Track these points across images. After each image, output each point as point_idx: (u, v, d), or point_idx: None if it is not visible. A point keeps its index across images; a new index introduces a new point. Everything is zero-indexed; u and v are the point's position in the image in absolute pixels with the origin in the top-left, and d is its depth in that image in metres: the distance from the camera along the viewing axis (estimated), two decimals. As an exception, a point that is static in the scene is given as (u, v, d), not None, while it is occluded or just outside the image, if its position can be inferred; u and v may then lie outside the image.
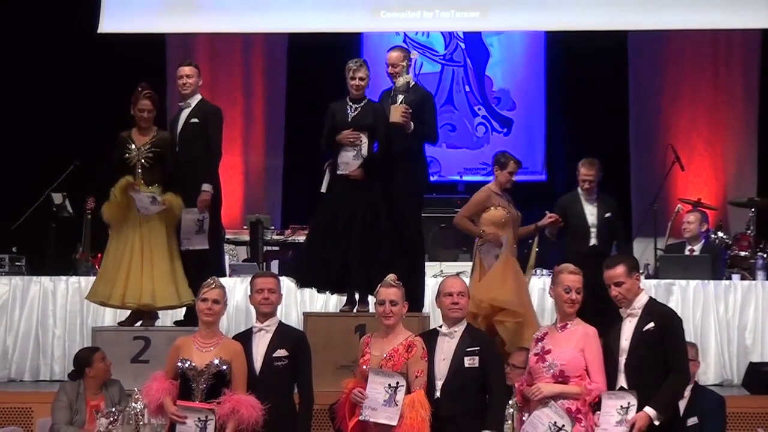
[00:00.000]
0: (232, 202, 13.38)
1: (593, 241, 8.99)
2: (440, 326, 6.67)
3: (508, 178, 8.62)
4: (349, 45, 13.22)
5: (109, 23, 12.86)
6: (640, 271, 6.75)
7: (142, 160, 8.40)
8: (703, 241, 10.34)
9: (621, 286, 6.33)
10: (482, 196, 8.63)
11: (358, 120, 8.35)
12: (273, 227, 12.01)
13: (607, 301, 6.53)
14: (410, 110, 8.33)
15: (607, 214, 9.03)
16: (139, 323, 8.52)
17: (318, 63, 12.79)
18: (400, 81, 8.41)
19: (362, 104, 8.40)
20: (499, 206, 8.54)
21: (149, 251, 8.37)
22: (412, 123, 8.34)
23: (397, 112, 8.28)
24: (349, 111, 8.39)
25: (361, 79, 8.36)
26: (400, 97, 8.40)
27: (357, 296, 8.46)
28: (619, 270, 6.35)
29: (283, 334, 6.78)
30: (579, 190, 9.10)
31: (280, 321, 6.92)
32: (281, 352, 6.67)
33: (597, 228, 9.00)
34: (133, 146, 8.43)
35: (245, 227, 11.85)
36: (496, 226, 8.47)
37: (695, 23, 12.66)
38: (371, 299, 7.89)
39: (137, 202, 8.33)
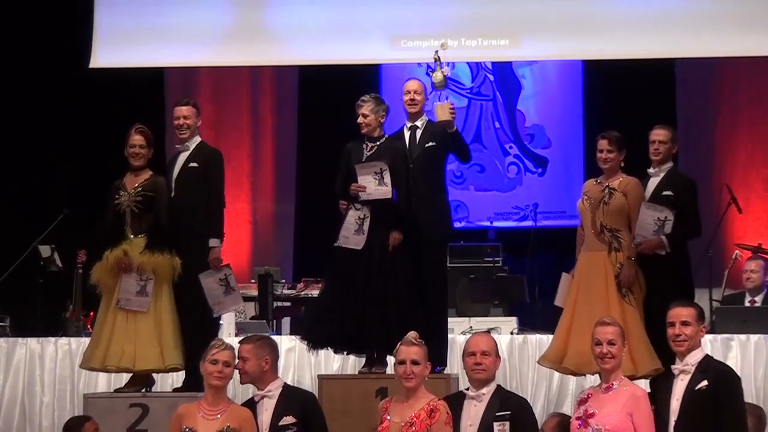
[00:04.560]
0: (239, 252, 13.39)
1: None
2: (467, 389, 6.68)
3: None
4: (366, 78, 13.24)
5: (102, 57, 12.99)
6: (706, 325, 6.69)
7: (132, 206, 8.40)
8: (765, 290, 10.30)
9: (687, 327, 6.37)
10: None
11: (373, 160, 8.28)
12: (284, 280, 11.94)
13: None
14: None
15: (667, 192, 8.39)
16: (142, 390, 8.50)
17: (332, 98, 12.77)
18: (438, 76, 8.54)
19: (379, 143, 8.35)
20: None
21: (133, 312, 8.35)
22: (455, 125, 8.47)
23: (444, 110, 8.39)
24: (364, 150, 8.34)
25: (364, 116, 8.27)
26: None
27: (376, 356, 8.37)
28: (692, 311, 6.45)
29: (289, 397, 6.84)
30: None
31: (285, 383, 6.95)
32: (288, 419, 6.76)
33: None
34: (124, 191, 8.44)
35: (253, 281, 11.79)
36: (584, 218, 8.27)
37: (749, 50, 12.67)
38: (390, 359, 7.87)
39: (123, 285, 8.32)
